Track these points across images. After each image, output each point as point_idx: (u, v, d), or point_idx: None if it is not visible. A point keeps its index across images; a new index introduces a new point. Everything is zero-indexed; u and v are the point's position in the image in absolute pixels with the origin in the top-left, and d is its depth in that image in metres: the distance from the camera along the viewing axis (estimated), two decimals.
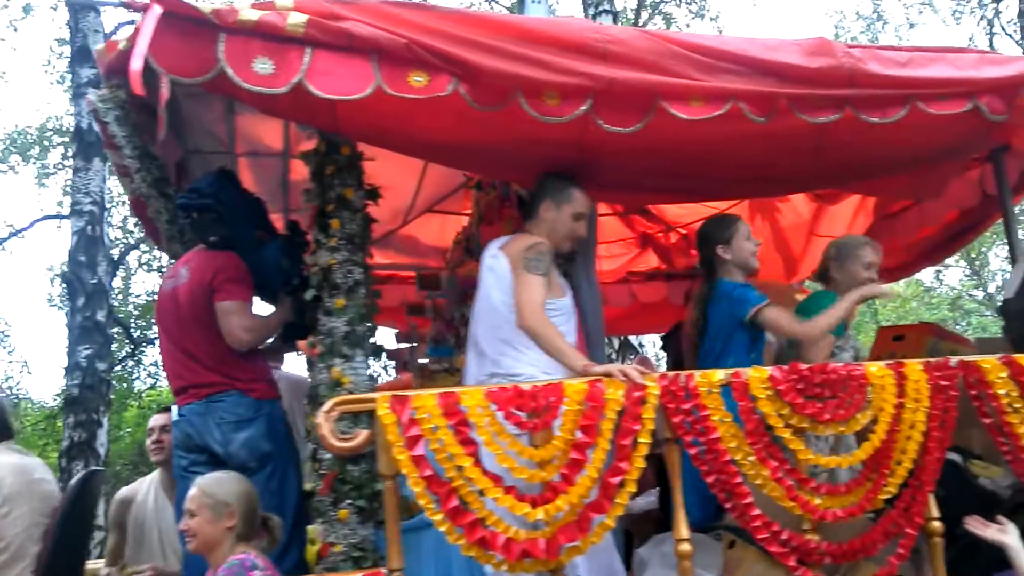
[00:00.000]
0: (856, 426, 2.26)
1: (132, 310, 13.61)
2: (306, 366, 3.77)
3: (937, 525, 2.28)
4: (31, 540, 2.62)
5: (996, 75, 2.65)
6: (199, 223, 2.88)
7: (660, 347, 5.61)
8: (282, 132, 3.34)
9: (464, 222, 4.22)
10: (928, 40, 15.36)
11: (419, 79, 2.29)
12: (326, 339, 2.60)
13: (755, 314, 2.85)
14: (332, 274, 2.61)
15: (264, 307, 3.12)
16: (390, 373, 4.42)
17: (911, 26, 14.98)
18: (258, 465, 2.72)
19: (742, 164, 2.99)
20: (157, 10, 2.13)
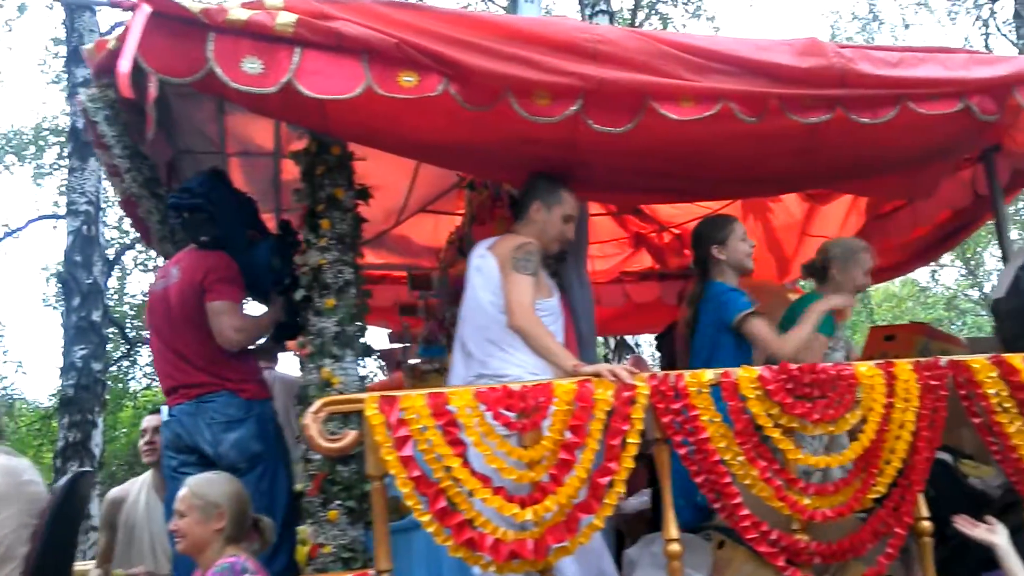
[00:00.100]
0: (845, 426, 2.27)
1: (128, 310, 13.57)
2: (299, 366, 3.76)
3: (927, 525, 2.29)
4: (20, 541, 2.60)
5: (987, 75, 2.65)
6: (190, 223, 2.87)
7: (655, 347, 5.62)
8: (273, 132, 3.34)
9: (457, 222, 4.22)
10: (924, 41, 15.38)
11: (409, 79, 2.29)
12: (316, 339, 2.60)
13: (739, 321, 2.86)
14: (322, 274, 2.61)
15: (256, 307, 3.12)
16: (387, 373, 4.38)
17: (906, 27, 15.00)
18: (248, 466, 2.72)
19: (733, 164, 2.99)
20: (146, 9, 2.12)
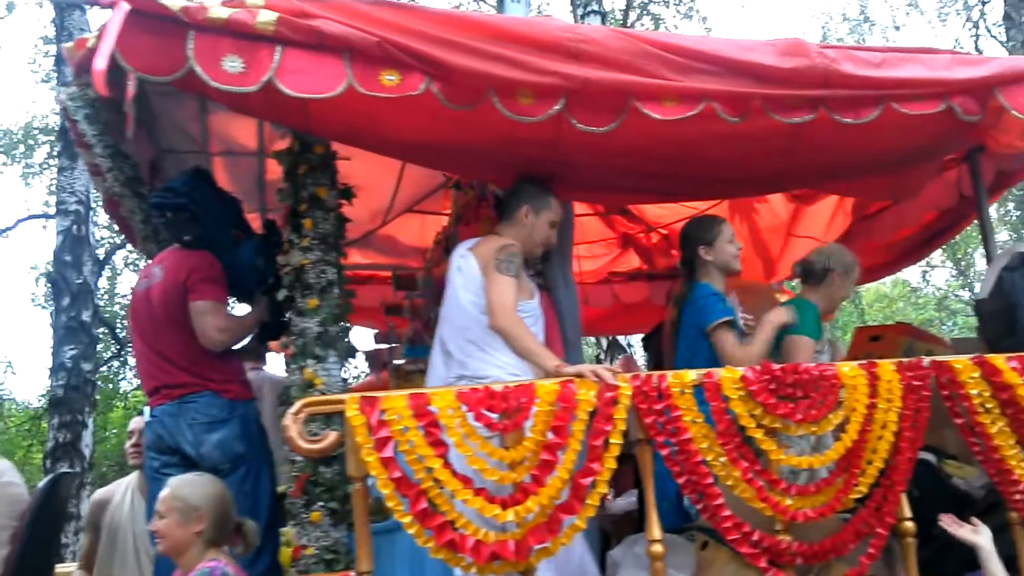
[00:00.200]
0: (828, 426, 2.26)
1: (118, 310, 13.51)
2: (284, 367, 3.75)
3: (909, 525, 2.29)
4: None
5: (969, 76, 2.65)
6: (173, 222, 2.86)
7: (643, 347, 5.62)
8: (256, 131, 3.32)
9: (444, 222, 4.21)
10: (914, 42, 15.42)
11: (391, 78, 2.27)
12: (298, 340, 2.58)
13: (711, 328, 2.88)
14: (305, 274, 2.60)
15: (241, 307, 3.10)
16: (375, 374, 4.36)
17: (897, 28, 15.05)
18: (231, 467, 2.70)
19: (717, 164, 2.99)
20: (124, 7, 2.11)
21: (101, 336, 11.26)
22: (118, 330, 13.10)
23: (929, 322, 16.49)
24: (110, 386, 13.72)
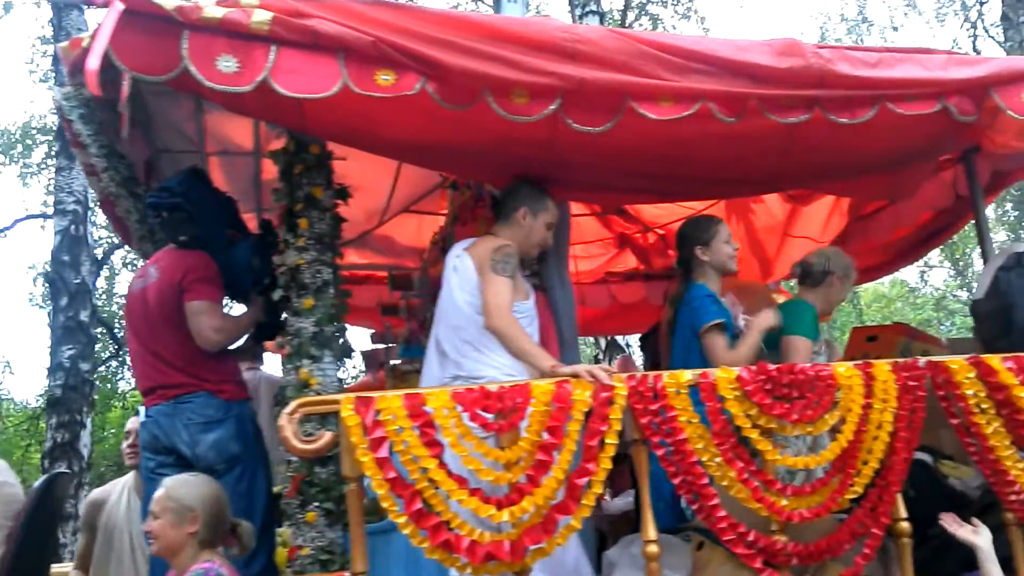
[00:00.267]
0: (824, 427, 2.26)
1: (116, 310, 13.48)
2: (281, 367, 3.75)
3: (905, 526, 2.28)
4: None
5: (965, 76, 2.65)
6: (169, 222, 2.85)
7: (640, 348, 5.62)
8: (253, 131, 3.32)
9: (441, 222, 4.21)
10: (912, 43, 15.42)
11: (386, 78, 2.27)
12: (294, 340, 2.58)
13: (703, 331, 2.89)
14: (300, 274, 2.60)
15: (237, 307, 3.10)
16: (372, 374, 4.36)
17: (895, 29, 15.05)
18: (227, 467, 2.70)
19: (713, 164, 2.99)
20: (118, 6, 2.10)
21: (99, 336, 11.25)
22: (116, 330, 13.07)
23: (927, 322, 16.50)
24: (108, 386, 13.70)
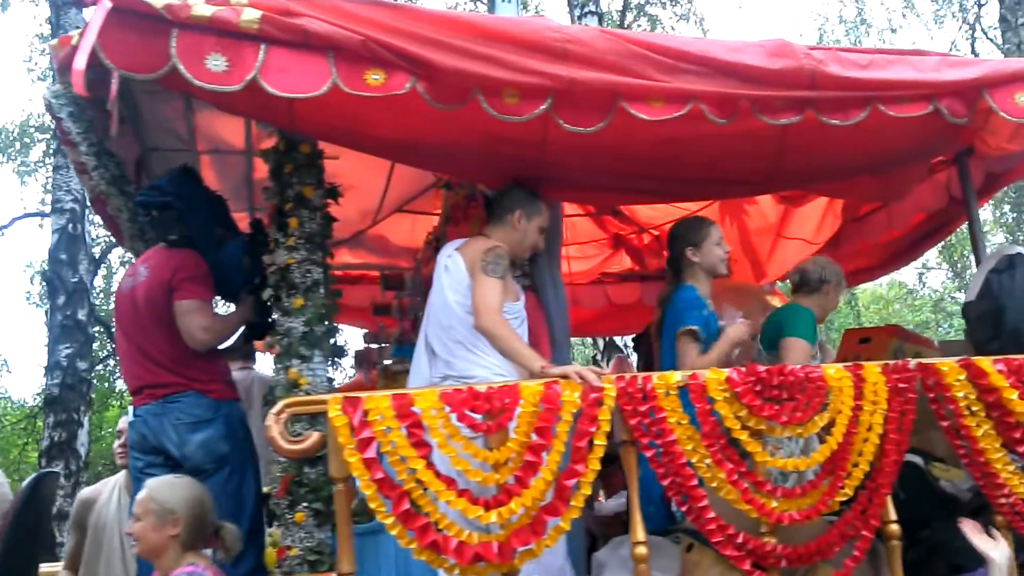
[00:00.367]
0: (813, 428, 2.25)
1: (113, 309, 13.46)
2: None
3: (894, 528, 2.28)
4: None
5: (957, 77, 2.63)
6: (159, 221, 2.85)
7: (632, 348, 5.61)
8: (244, 129, 3.30)
9: (435, 222, 4.19)
10: (910, 45, 15.39)
11: (376, 77, 2.26)
12: (283, 339, 2.58)
13: (678, 334, 2.89)
14: (290, 273, 2.59)
15: (228, 306, 3.09)
16: (365, 375, 4.35)
17: (893, 30, 15.03)
18: (215, 467, 2.69)
19: (705, 165, 2.98)
20: (106, 4, 2.09)
21: (96, 335, 11.22)
22: (114, 329, 13.05)
23: (925, 324, 16.50)
24: (105, 385, 13.68)
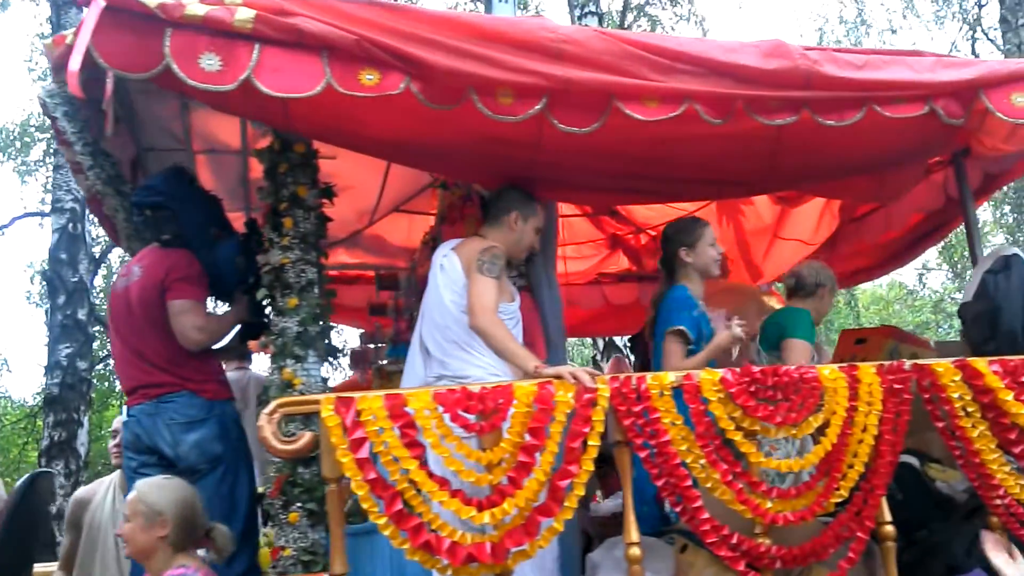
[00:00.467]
0: (808, 429, 2.25)
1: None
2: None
3: (889, 529, 2.27)
4: None
5: (953, 78, 2.63)
6: (152, 220, 2.85)
7: (628, 349, 5.61)
8: (240, 129, 3.30)
9: (432, 222, 4.19)
10: (910, 45, 15.36)
11: (370, 77, 2.26)
12: (278, 339, 2.57)
13: (665, 334, 2.89)
14: (284, 273, 2.59)
15: (223, 306, 3.08)
16: (361, 375, 4.34)
17: (893, 31, 15.01)
18: (209, 467, 2.69)
19: (700, 166, 2.98)
20: (100, 3, 2.09)
21: (97, 334, 11.21)
22: None
23: (925, 325, 16.48)
24: (105, 385, 13.69)
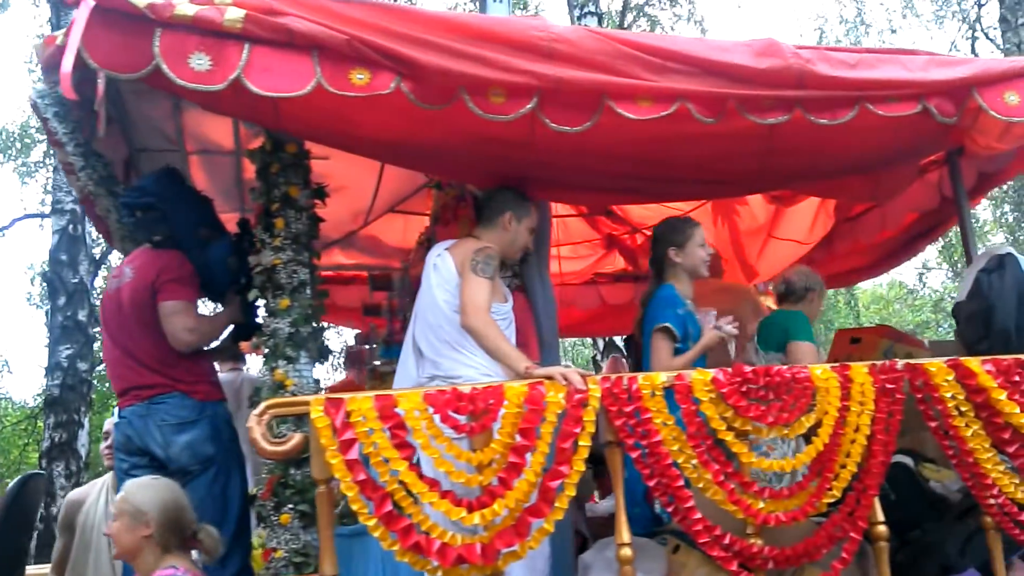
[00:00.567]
0: (800, 429, 2.24)
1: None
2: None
3: (882, 529, 2.26)
4: None
5: (945, 77, 2.62)
6: (143, 221, 2.84)
7: (624, 349, 5.60)
8: (232, 130, 3.29)
9: (427, 222, 4.18)
10: (910, 45, 15.31)
11: (361, 77, 2.25)
12: (269, 340, 2.56)
13: (652, 332, 2.88)
14: (276, 274, 2.58)
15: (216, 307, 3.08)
16: (356, 375, 4.34)
17: (893, 31, 15.00)
18: (201, 468, 2.68)
19: (693, 165, 2.97)
20: (89, 3, 2.09)
21: (97, 336, 11.21)
22: None
23: (925, 324, 16.48)
24: (106, 386, 13.66)
